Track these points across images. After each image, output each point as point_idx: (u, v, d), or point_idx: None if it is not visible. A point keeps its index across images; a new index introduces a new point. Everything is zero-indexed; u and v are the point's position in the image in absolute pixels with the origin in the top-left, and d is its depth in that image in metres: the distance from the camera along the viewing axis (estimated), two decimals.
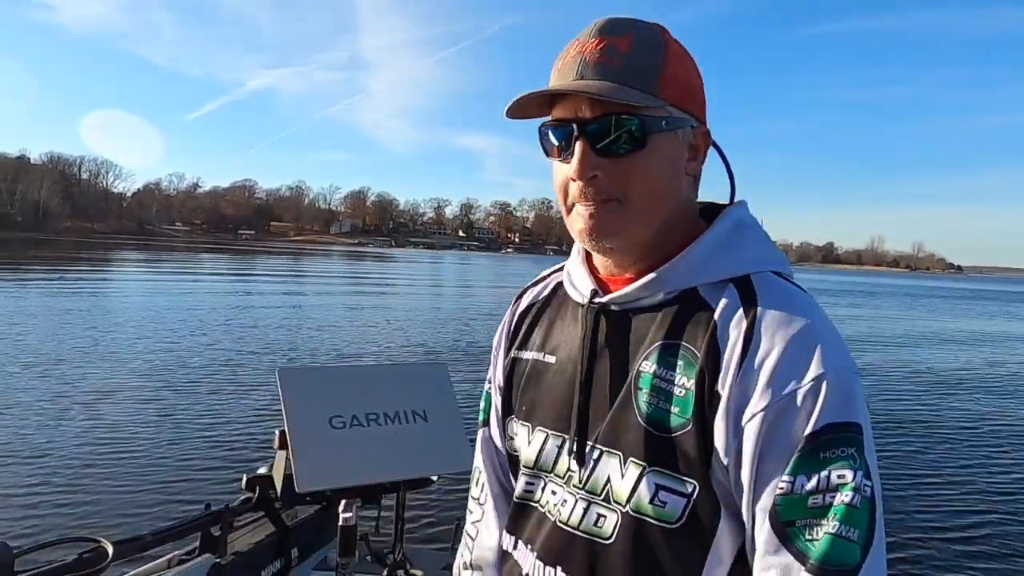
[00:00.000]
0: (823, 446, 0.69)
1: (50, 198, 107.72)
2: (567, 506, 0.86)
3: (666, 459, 0.77)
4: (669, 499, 0.77)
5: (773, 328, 0.74)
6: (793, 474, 0.70)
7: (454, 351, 12.27)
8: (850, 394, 0.71)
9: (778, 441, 0.71)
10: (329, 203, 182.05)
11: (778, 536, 0.70)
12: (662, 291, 0.83)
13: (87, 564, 1.36)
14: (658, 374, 0.80)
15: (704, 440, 0.75)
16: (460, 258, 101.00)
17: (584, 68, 0.78)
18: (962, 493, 5.88)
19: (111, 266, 35.57)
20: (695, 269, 0.82)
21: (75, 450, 5.82)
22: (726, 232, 0.85)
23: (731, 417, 0.73)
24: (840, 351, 0.74)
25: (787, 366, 0.72)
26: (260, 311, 16.77)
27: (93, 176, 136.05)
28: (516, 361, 0.99)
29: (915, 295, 49.39)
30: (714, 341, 0.76)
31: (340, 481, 1.61)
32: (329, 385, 1.67)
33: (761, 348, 0.74)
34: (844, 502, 0.68)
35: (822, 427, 0.70)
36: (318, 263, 53.37)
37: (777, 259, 0.85)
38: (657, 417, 0.79)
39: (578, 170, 0.79)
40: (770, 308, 0.76)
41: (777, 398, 0.71)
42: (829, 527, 0.68)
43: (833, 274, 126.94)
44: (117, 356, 9.99)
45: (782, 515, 0.70)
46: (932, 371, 12.60)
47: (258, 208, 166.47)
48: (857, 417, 0.71)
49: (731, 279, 0.81)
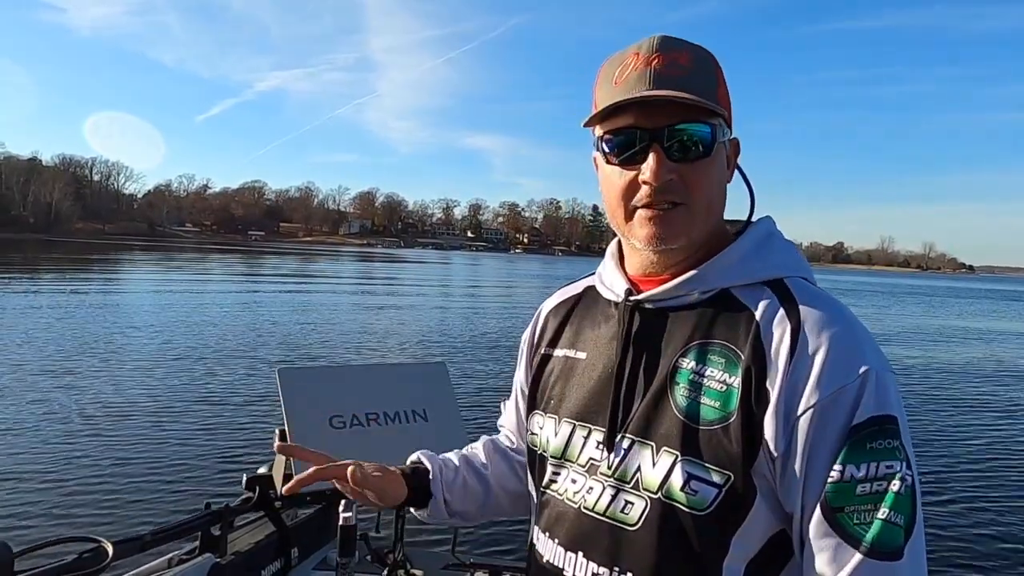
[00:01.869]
0: (869, 437, 0.75)
1: (62, 200, 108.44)
2: (593, 493, 0.89)
3: (701, 450, 0.81)
4: (701, 488, 0.81)
5: (818, 329, 0.80)
6: (844, 463, 0.75)
7: (456, 351, 12.30)
8: (889, 389, 0.78)
9: (828, 434, 0.76)
10: (338, 204, 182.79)
11: (828, 521, 0.75)
12: (697, 291, 0.88)
13: (87, 564, 1.36)
14: (696, 370, 0.84)
15: (750, 434, 0.79)
16: (469, 259, 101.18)
17: (656, 79, 0.83)
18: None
19: (120, 267, 35.83)
20: (730, 270, 0.88)
21: (75, 450, 5.87)
22: (758, 239, 0.92)
23: (781, 413, 0.78)
24: (877, 350, 0.81)
25: (834, 364, 0.77)
26: (263, 312, 16.88)
27: (104, 178, 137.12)
28: (546, 358, 1.04)
29: (934, 295, 49.09)
30: (758, 341, 0.81)
31: None
32: (329, 385, 1.67)
33: (809, 347, 0.79)
34: (893, 490, 0.74)
35: (867, 419, 0.76)
36: (326, 264, 53.58)
37: (805, 267, 0.92)
38: (694, 410, 0.83)
39: (654, 174, 0.84)
40: (811, 310, 0.82)
41: (827, 394, 0.76)
42: (880, 513, 0.74)
43: (845, 274, 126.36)
44: (118, 356, 10.09)
45: (832, 502, 0.75)
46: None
47: (268, 209, 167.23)
48: (894, 410, 0.77)
49: (765, 282, 0.87)
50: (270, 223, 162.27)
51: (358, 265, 55.76)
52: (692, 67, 0.84)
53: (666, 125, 0.83)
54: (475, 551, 2.17)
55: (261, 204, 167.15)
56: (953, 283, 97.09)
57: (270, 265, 45.91)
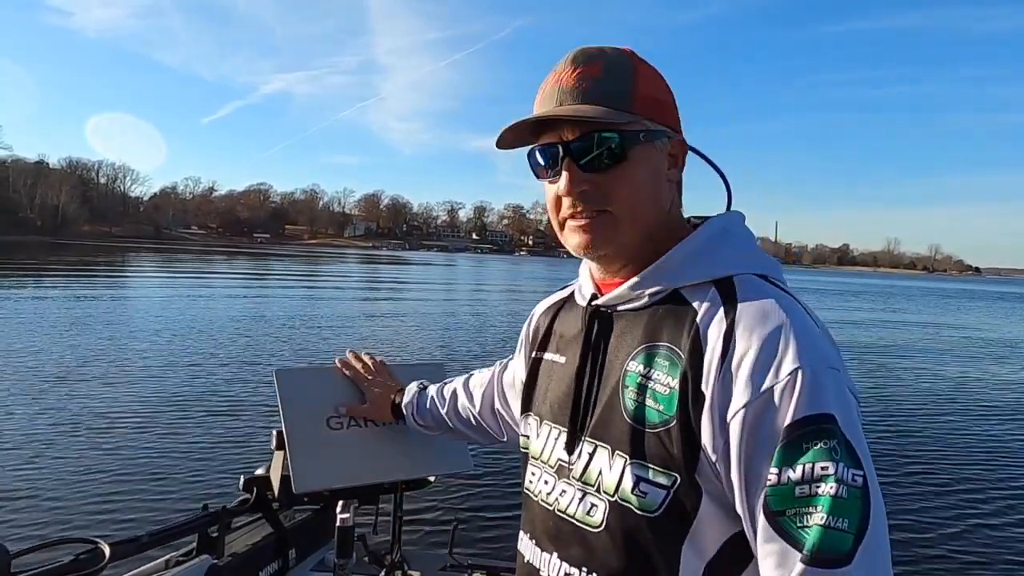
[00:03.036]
0: (804, 437, 0.73)
1: (69, 202, 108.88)
2: (565, 496, 0.93)
3: (647, 453, 0.83)
4: (650, 490, 0.82)
5: (750, 328, 0.79)
6: (779, 466, 0.74)
7: (456, 351, 12.30)
8: (824, 387, 0.75)
9: (761, 436, 0.75)
10: (343, 206, 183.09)
11: (771, 526, 0.74)
12: (647, 293, 0.89)
13: (84, 565, 1.36)
14: (643, 373, 0.85)
15: (689, 437, 0.79)
16: (473, 261, 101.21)
17: (563, 95, 0.87)
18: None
19: (124, 270, 35.94)
20: (676, 271, 0.88)
21: (73, 451, 5.87)
22: (709, 236, 0.91)
23: (716, 416, 0.78)
24: (815, 347, 0.77)
25: (763, 364, 0.76)
26: (263, 313, 16.87)
27: (111, 181, 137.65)
28: (536, 361, 1.08)
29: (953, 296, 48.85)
30: (697, 342, 0.81)
31: (338, 482, 1.61)
32: (327, 385, 1.67)
33: (739, 348, 0.78)
34: (829, 493, 0.71)
35: (799, 419, 0.73)
36: (329, 266, 53.63)
37: (762, 263, 0.89)
38: (640, 414, 0.84)
39: (567, 186, 0.88)
40: (748, 308, 0.81)
41: (756, 395, 0.75)
42: (818, 518, 0.71)
43: (849, 276, 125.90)
44: (116, 358, 10.09)
45: (773, 505, 0.74)
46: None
47: (273, 211, 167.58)
48: (831, 408, 0.74)
49: (713, 281, 0.86)
50: (275, 225, 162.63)
51: (361, 267, 55.79)
52: (602, 76, 0.86)
53: (576, 138, 0.87)
54: (473, 552, 2.17)
55: (266, 206, 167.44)
56: (962, 285, 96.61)
57: (273, 267, 46.00)
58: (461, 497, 5.10)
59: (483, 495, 5.14)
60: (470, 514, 4.81)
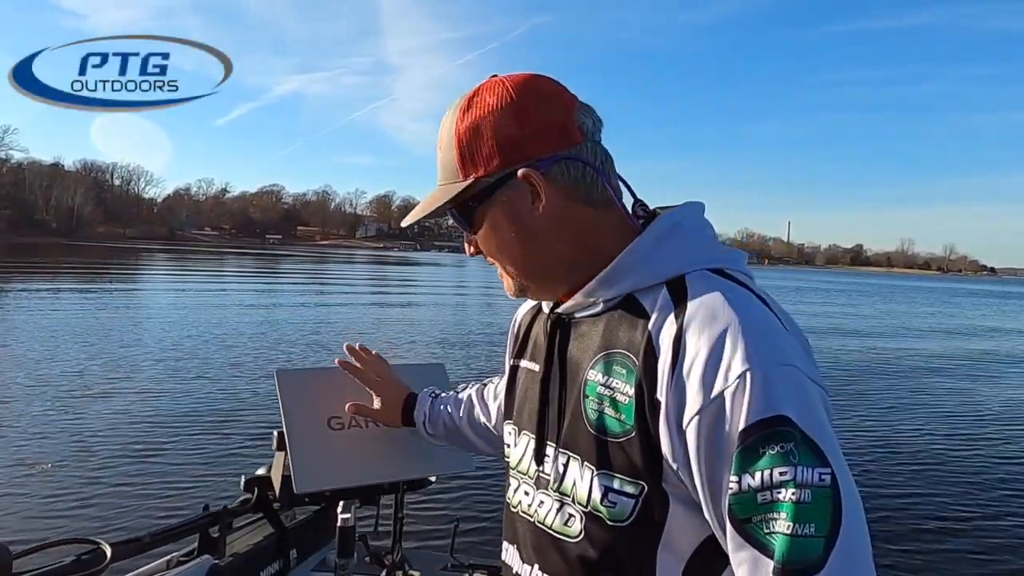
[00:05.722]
0: (759, 442, 0.70)
1: (83, 204, 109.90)
2: (544, 507, 0.92)
3: (612, 463, 0.82)
4: (618, 500, 0.81)
5: (699, 329, 0.76)
6: (737, 473, 0.71)
7: (456, 352, 12.36)
8: (777, 387, 0.71)
9: (717, 443, 0.73)
10: (355, 207, 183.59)
11: (739, 533, 0.72)
12: (602, 299, 0.87)
13: (85, 565, 1.36)
14: (602, 382, 0.84)
15: (649, 446, 0.78)
16: (484, 262, 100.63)
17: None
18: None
19: (136, 271, 36.25)
20: (626, 276, 0.85)
21: (73, 451, 5.91)
22: (656, 236, 0.86)
23: (672, 424, 0.76)
24: (767, 343, 0.74)
25: (713, 367, 0.73)
26: (266, 314, 16.99)
27: (125, 182, 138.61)
28: (514, 369, 1.08)
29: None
30: (650, 348, 0.79)
31: (339, 482, 1.61)
32: (327, 386, 1.67)
33: (688, 352, 0.75)
34: (791, 499, 0.68)
35: (752, 424, 0.71)
36: (339, 267, 53.81)
37: (718, 256, 0.85)
38: (602, 423, 0.83)
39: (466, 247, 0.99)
40: (697, 308, 0.77)
41: (707, 401, 0.73)
42: (783, 526, 0.69)
43: (864, 276, 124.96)
44: (118, 358, 10.17)
45: (738, 513, 0.72)
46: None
47: (285, 213, 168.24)
48: (787, 409, 0.71)
49: (666, 282, 0.83)
50: (287, 227, 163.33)
51: (372, 268, 55.94)
52: (442, 146, 0.92)
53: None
54: (474, 552, 2.17)
55: (279, 208, 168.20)
56: (980, 286, 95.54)
57: (284, 268, 46.22)
58: (462, 497, 5.11)
59: (484, 495, 5.15)
60: (471, 514, 4.82)
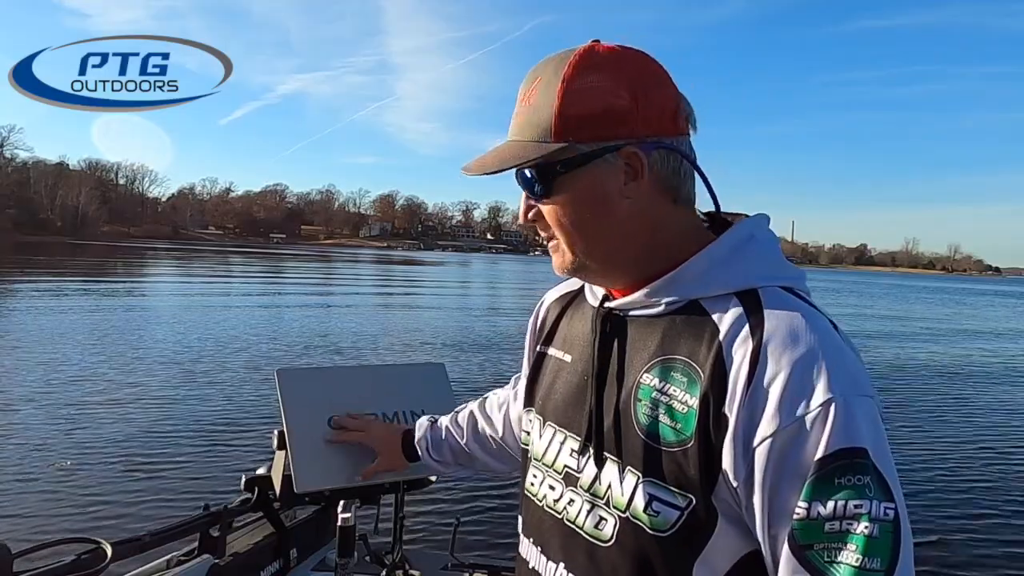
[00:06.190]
0: (836, 472, 0.70)
1: (88, 203, 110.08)
2: (573, 506, 0.89)
3: (662, 472, 0.79)
4: (663, 509, 0.79)
5: (780, 350, 0.73)
6: (808, 500, 0.70)
7: (456, 352, 12.32)
8: (858, 418, 0.71)
9: (790, 467, 0.71)
10: (359, 206, 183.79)
11: (797, 559, 0.71)
12: (664, 301, 0.83)
13: (86, 565, 1.37)
14: (658, 388, 0.81)
15: (708, 460, 0.76)
16: (488, 261, 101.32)
17: (511, 126, 0.87)
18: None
19: (140, 269, 36.31)
20: (695, 281, 0.82)
21: (74, 450, 5.91)
22: (732, 245, 0.84)
23: (740, 441, 0.74)
24: (849, 373, 0.73)
25: (794, 390, 0.71)
26: (267, 313, 16.99)
27: (129, 182, 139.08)
28: (542, 356, 1.04)
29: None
30: (720, 361, 0.76)
31: (339, 481, 1.61)
32: (328, 385, 1.67)
33: (768, 371, 0.73)
34: (864, 533, 0.68)
35: (832, 452, 0.70)
36: (343, 266, 53.83)
37: (789, 274, 0.84)
38: (655, 430, 0.80)
39: (522, 211, 0.90)
40: (777, 327, 0.75)
41: (786, 423, 0.71)
42: (851, 558, 0.68)
43: (869, 276, 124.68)
44: (118, 357, 10.17)
45: (800, 539, 0.71)
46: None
47: (289, 212, 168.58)
48: (865, 441, 0.71)
49: (736, 293, 0.80)
50: (291, 226, 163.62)
51: (375, 267, 55.97)
52: (533, 102, 0.83)
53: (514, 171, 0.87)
54: (474, 552, 2.17)
55: (282, 207, 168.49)
56: (986, 285, 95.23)
57: (287, 267, 46.26)
58: (462, 497, 5.11)
59: (485, 495, 5.15)
60: (471, 514, 4.82)
